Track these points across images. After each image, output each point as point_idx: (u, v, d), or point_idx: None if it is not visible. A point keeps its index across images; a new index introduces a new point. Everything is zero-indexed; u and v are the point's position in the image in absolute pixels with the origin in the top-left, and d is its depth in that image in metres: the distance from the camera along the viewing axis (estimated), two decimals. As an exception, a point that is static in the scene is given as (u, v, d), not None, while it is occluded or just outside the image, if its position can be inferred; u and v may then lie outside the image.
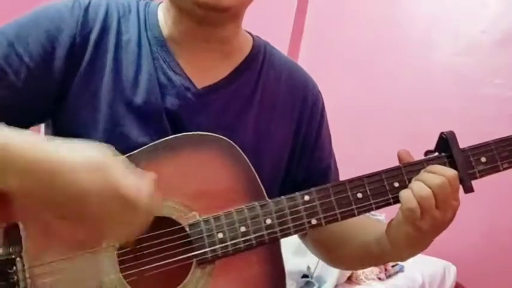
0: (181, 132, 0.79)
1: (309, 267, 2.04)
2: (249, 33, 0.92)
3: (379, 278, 2.22)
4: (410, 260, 2.36)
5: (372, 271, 2.22)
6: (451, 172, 0.76)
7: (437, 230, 0.76)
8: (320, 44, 3.05)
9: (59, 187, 0.61)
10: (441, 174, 0.75)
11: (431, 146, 0.83)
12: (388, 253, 0.81)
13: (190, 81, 0.82)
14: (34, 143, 0.63)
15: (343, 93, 2.84)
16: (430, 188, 0.74)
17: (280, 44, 0.96)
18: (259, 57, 0.89)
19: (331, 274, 2.03)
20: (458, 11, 2.69)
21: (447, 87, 2.68)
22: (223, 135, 0.79)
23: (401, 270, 2.32)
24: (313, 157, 0.93)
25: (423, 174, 0.77)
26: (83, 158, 0.62)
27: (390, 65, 2.83)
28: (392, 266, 2.29)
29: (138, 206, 0.62)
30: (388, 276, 2.25)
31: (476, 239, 2.51)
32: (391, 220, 0.79)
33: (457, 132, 0.79)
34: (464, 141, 0.79)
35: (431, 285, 2.36)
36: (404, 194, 0.76)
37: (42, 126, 0.87)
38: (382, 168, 0.79)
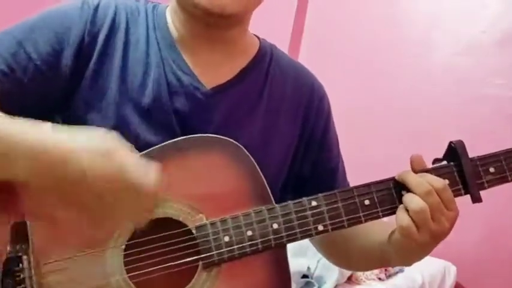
0: (189, 132, 0.80)
1: (309, 268, 2.04)
2: (256, 36, 0.93)
3: (379, 278, 2.22)
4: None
5: (371, 271, 2.22)
6: (438, 183, 0.74)
7: (438, 239, 0.76)
8: (320, 44, 3.05)
9: (66, 171, 0.61)
10: (429, 185, 0.74)
11: (431, 147, 0.83)
12: (392, 260, 0.81)
13: (199, 81, 0.83)
14: (37, 130, 0.64)
15: (343, 93, 2.83)
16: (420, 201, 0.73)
17: (280, 44, 0.97)
18: (266, 58, 0.90)
19: (331, 274, 2.04)
20: (458, 11, 2.69)
21: (447, 87, 2.68)
22: (231, 134, 0.79)
23: (401, 270, 2.32)
24: (320, 156, 0.93)
25: (414, 187, 0.75)
26: (87, 142, 0.63)
27: (390, 65, 2.83)
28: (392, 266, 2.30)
29: (144, 189, 0.63)
30: (388, 276, 2.26)
31: (477, 239, 2.52)
32: (391, 234, 0.79)
33: (457, 132, 0.80)
34: (464, 141, 0.79)
35: (431, 285, 2.36)
36: (398, 213, 0.75)
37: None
38: (382, 168, 0.79)
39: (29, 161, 0.62)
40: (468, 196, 0.79)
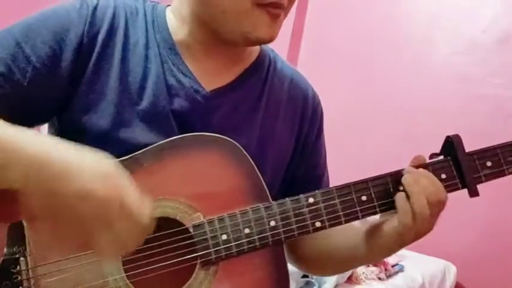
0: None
1: (309, 267, 2.04)
2: None
3: (379, 278, 2.22)
4: (410, 260, 2.36)
5: (372, 271, 2.22)
6: (442, 196, 0.76)
7: (418, 237, 0.78)
8: (320, 44, 3.05)
9: (64, 188, 0.58)
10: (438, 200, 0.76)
11: (431, 146, 0.83)
12: (363, 259, 0.85)
13: (199, 83, 0.82)
14: (42, 142, 0.61)
15: (343, 93, 2.84)
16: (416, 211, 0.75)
17: (280, 44, 0.97)
18: (265, 63, 0.90)
19: (331, 274, 2.03)
20: (458, 10, 2.69)
21: (447, 86, 2.68)
22: (230, 137, 0.79)
23: (401, 270, 2.32)
24: (310, 161, 0.94)
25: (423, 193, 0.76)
26: (91, 163, 0.60)
27: (390, 64, 2.83)
28: (393, 266, 2.29)
29: (138, 220, 0.60)
30: (388, 276, 2.25)
31: (477, 239, 2.52)
32: (373, 234, 0.81)
33: (456, 132, 0.80)
34: (464, 141, 0.79)
35: (431, 285, 2.36)
36: (403, 214, 0.76)
37: (42, 127, 0.87)
38: (382, 167, 0.79)
39: (24, 170, 0.58)
40: (467, 197, 0.79)
